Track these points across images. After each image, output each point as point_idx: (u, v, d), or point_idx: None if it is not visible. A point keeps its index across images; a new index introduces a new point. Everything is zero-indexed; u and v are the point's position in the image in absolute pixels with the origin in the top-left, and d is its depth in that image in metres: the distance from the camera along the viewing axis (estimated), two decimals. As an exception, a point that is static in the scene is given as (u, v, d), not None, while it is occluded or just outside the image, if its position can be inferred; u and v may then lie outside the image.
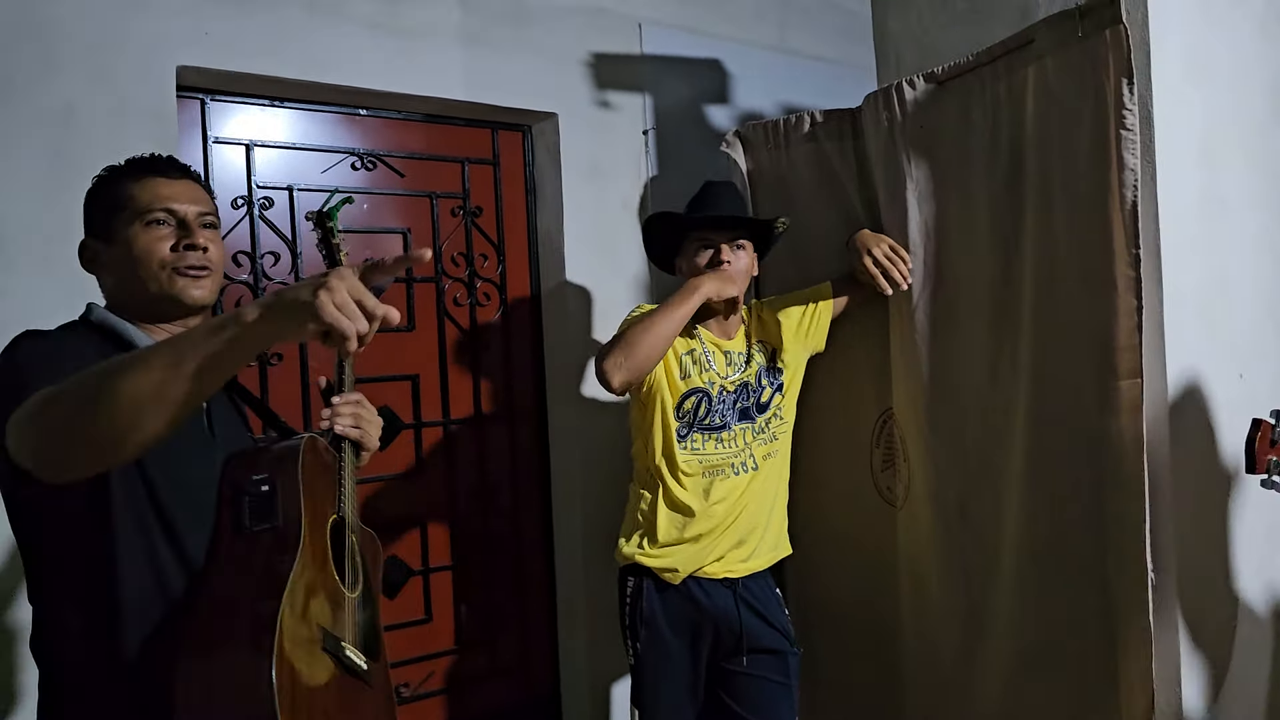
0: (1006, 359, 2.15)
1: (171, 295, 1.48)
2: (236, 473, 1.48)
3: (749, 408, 2.37)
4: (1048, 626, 2.06)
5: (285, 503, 1.45)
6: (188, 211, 1.52)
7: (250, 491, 1.45)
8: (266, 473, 1.47)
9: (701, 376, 2.33)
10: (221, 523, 1.45)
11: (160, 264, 1.47)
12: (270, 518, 1.44)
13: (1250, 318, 2.16)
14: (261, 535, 1.43)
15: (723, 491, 2.31)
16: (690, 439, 2.32)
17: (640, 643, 2.31)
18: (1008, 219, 2.13)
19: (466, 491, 2.93)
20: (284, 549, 1.40)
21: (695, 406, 2.32)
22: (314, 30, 2.49)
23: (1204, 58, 2.05)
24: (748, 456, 2.35)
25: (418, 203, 2.85)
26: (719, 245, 2.32)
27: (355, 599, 1.55)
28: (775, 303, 2.50)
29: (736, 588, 2.33)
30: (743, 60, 3.33)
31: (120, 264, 1.49)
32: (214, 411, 1.54)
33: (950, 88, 2.24)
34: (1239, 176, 2.13)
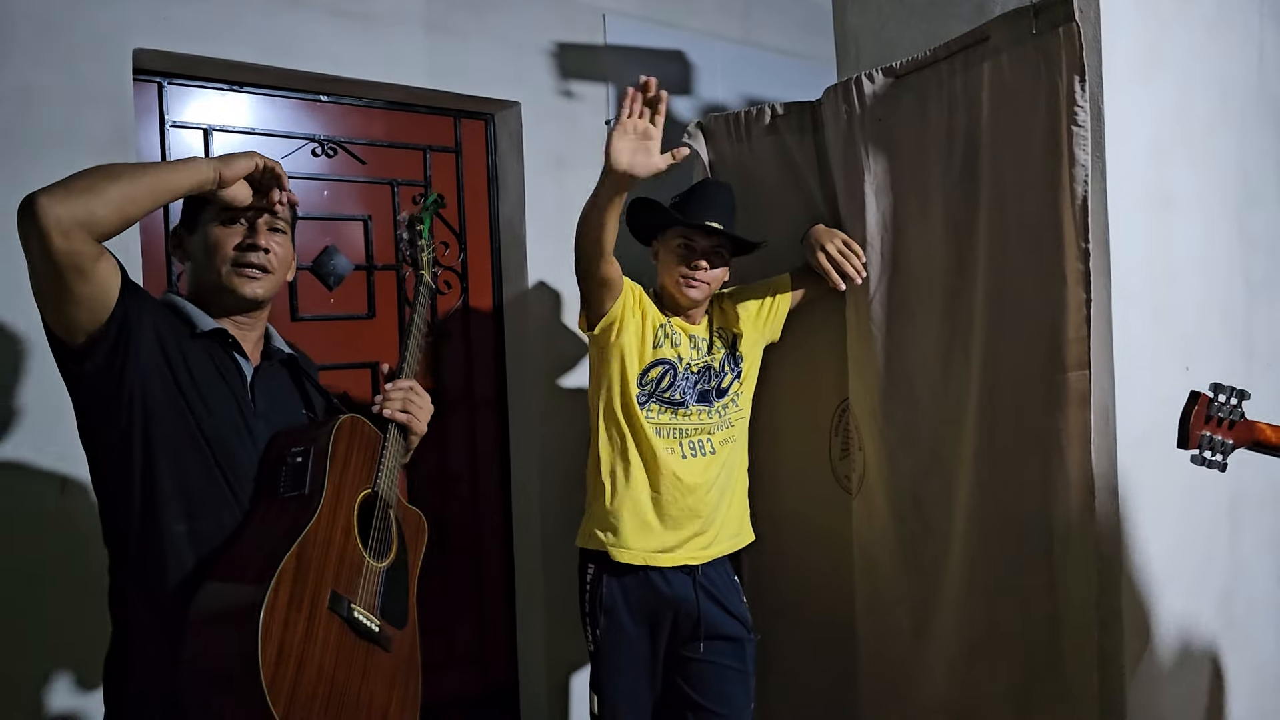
0: (959, 350, 2.18)
1: (229, 288, 1.65)
2: (281, 445, 1.64)
3: (709, 391, 2.39)
4: (995, 612, 2.10)
5: (314, 472, 1.59)
6: (250, 213, 1.68)
7: (288, 462, 1.61)
8: (304, 445, 1.62)
9: (672, 350, 2.36)
10: (260, 489, 1.60)
11: (224, 258, 1.65)
12: (299, 485, 1.58)
13: (1197, 312, 2.20)
14: (290, 501, 1.57)
15: (679, 475, 2.33)
16: (649, 407, 2.34)
17: (599, 629, 2.33)
18: (962, 212, 2.17)
19: (425, 480, 2.93)
20: (303, 513, 1.54)
21: (660, 377, 2.34)
22: (275, 15, 2.48)
23: (1154, 57, 2.09)
24: (705, 438, 2.38)
25: (379, 190, 2.84)
26: (698, 252, 2.33)
27: (380, 568, 1.66)
28: (736, 293, 2.52)
29: (696, 574, 2.35)
30: (706, 51, 3.35)
31: (197, 253, 1.68)
32: (258, 384, 1.68)
33: (908, 82, 2.26)
34: (1187, 173, 2.17)
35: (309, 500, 1.56)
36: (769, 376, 2.55)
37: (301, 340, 2.61)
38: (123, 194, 1.44)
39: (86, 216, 1.39)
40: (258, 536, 1.53)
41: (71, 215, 1.38)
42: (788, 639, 2.66)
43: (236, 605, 1.42)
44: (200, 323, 1.63)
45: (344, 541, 1.59)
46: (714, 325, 2.47)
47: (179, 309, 1.64)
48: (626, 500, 2.32)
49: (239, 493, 1.58)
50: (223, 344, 1.65)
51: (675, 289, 2.36)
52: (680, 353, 2.37)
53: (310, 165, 2.71)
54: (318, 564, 1.51)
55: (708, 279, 2.34)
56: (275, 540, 1.49)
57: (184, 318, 1.63)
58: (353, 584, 1.59)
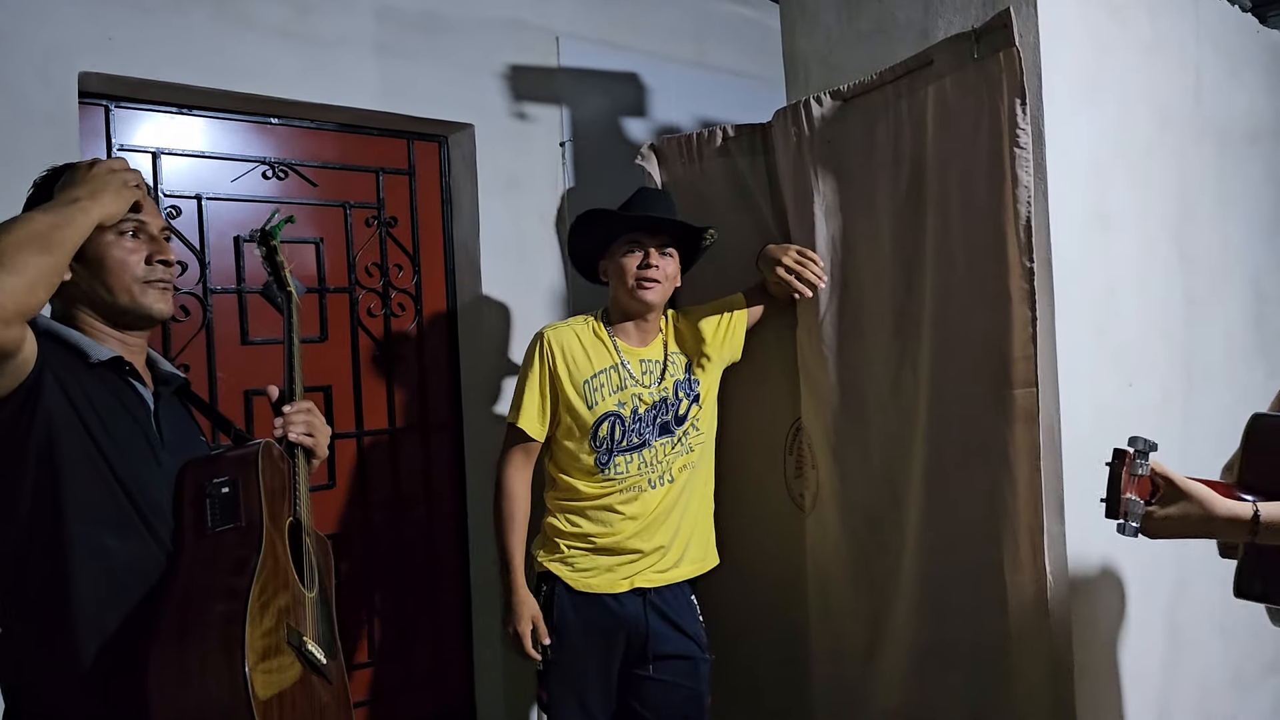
0: (908, 369, 2.21)
1: (142, 307, 1.57)
2: (197, 475, 1.56)
3: (668, 422, 2.40)
4: (947, 626, 2.12)
5: (247, 503, 1.54)
6: (154, 225, 1.60)
7: (212, 493, 1.53)
8: (227, 475, 1.56)
9: (610, 399, 2.35)
10: (183, 524, 1.52)
11: (134, 277, 1.55)
12: (233, 518, 1.53)
13: (1138, 329, 2.25)
14: (224, 534, 1.51)
15: (637, 508, 2.34)
16: (613, 463, 2.34)
17: (551, 648, 2.33)
18: (909, 233, 2.20)
19: (380, 504, 2.91)
20: (247, 547, 1.49)
21: (610, 430, 2.34)
22: (223, 38, 2.46)
23: (1093, 80, 2.14)
24: (665, 469, 2.38)
25: (332, 212, 2.82)
26: (648, 249, 2.34)
27: (313, 598, 1.62)
28: (691, 313, 2.53)
29: (648, 594, 2.36)
30: (660, 74, 3.37)
31: (91, 272, 1.54)
32: (162, 414, 1.59)
33: (855, 105, 2.30)
34: (1126, 194, 2.22)
35: (249, 533, 1.51)
36: (723, 396, 2.57)
37: (252, 363, 2.62)
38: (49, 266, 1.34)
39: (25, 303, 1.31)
40: (199, 577, 1.46)
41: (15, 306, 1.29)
42: (744, 656, 2.66)
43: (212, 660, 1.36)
44: (94, 352, 1.52)
45: (286, 573, 1.55)
46: (668, 347, 2.47)
47: (64, 338, 1.52)
48: (582, 539, 2.36)
49: (144, 533, 1.50)
50: (120, 374, 1.55)
51: (630, 296, 2.36)
52: (623, 398, 2.36)
53: (261, 188, 2.69)
54: (273, 599, 1.48)
55: (660, 276, 2.34)
56: (223, 580, 1.44)
57: (72, 347, 1.51)
58: (299, 617, 1.56)
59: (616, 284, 2.40)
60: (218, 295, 2.60)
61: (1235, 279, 2.67)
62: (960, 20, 2.13)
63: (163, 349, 2.48)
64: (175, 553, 1.50)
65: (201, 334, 2.56)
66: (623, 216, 2.38)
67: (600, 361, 2.37)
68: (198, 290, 2.56)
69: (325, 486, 2.78)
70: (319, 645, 1.58)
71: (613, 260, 2.40)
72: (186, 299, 2.53)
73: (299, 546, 1.65)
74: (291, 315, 1.87)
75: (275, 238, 1.87)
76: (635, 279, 2.33)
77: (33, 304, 1.33)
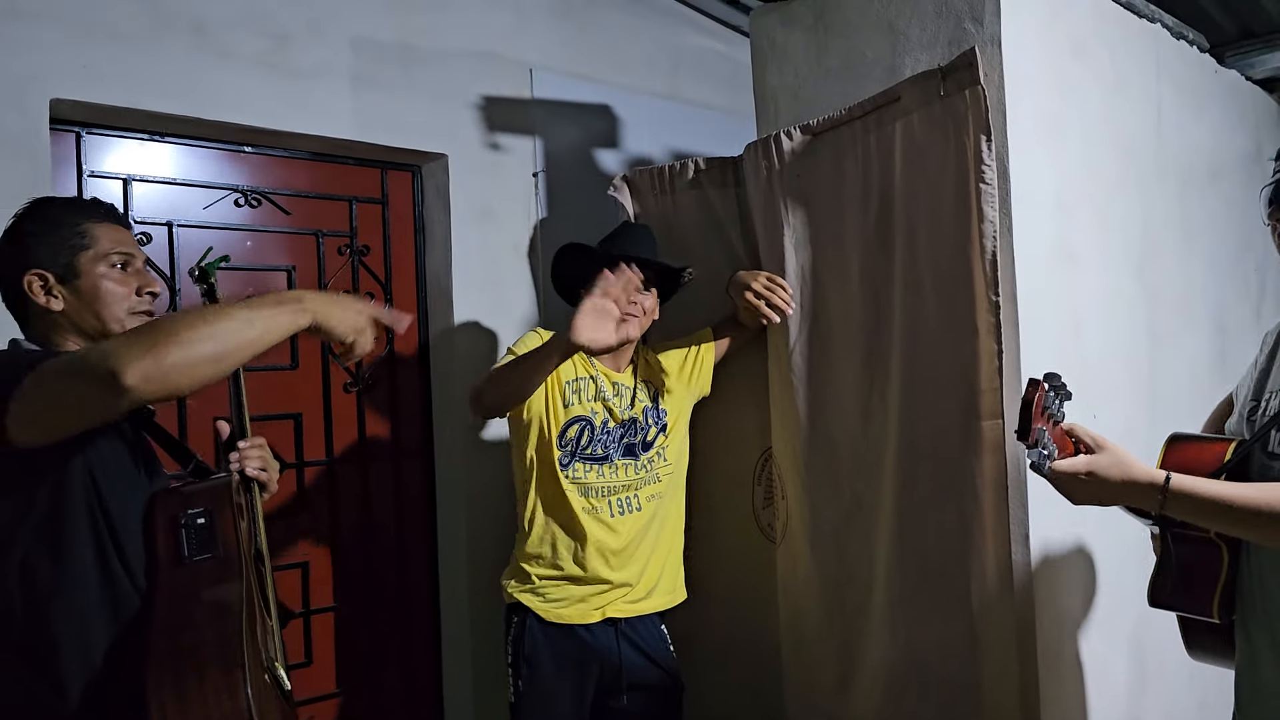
0: (877, 400, 2.23)
1: None
2: (169, 507, 1.58)
3: (634, 444, 2.41)
4: (917, 657, 2.13)
5: (224, 533, 1.58)
6: (138, 258, 1.67)
7: (187, 524, 1.56)
8: (202, 506, 1.59)
9: (585, 405, 2.38)
10: (157, 554, 1.54)
11: (123, 306, 1.61)
12: (210, 547, 1.56)
13: (1102, 362, 2.29)
14: (202, 564, 1.54)
15: (605, 539, 2.35)
16: (573, 467, 2.35)
17: (522, 680, 2.32)
18: (878, 265, 2.23)
19: (350, 532, 2.89)
20: (228, 576, 1.55)
21: (578, 435, 2.36)
22: (198, 65, 2.47)
23: (1056, 118, 2.18)
24: (631, 495, 2.39)
25: (304, 240, 2.82)
26: None
27: (274, 625, 1.69)
28: (659, 348, 2.56)
29: (620, 625, 2.35)
30: (633, 106, 3.40)
31: (83, 302, 1.59)
32: (138, 450, 1.63)
33: (825, 139, 2.33)
34: (1089, 229, 2.26)
35: (227, 564, 1.56)
36: (694, 424, 2.58)
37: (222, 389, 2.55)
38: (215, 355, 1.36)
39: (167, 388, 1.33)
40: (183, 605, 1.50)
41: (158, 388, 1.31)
42: (716, 688, 2.66)
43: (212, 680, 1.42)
44: None
45: (258, 602, 1.61)
46: (638, 376, 2.50)
47: None
48: (553, 568, 2.35)
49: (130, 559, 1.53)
50: None
51: None
52: (595, 407, 2.39)
53: (233, 216, 2.69)
54: (254, 626, 1.54)
55: (638, 311, 2.37)
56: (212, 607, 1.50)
57: None
58: (269, 644, 1.61)
59: None
60: (188, 323, 2.58)
61: (1198, 312, 2.72)
62: (927, 58, 2.17)
63: (131, 377, 2.46)
64: (150, 582, 1.52)
65: (171, 362, 2.55)
66: (607, 255, 2.40)
67: (582, 370, 2.42)
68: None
69: (294, 514, 2.76)
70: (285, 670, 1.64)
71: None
72: (156, 326, 2.52)
73: (260, 576, 1.70)
74: None
75: (211, 275, 1.89)
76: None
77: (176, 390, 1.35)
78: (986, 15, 2.07)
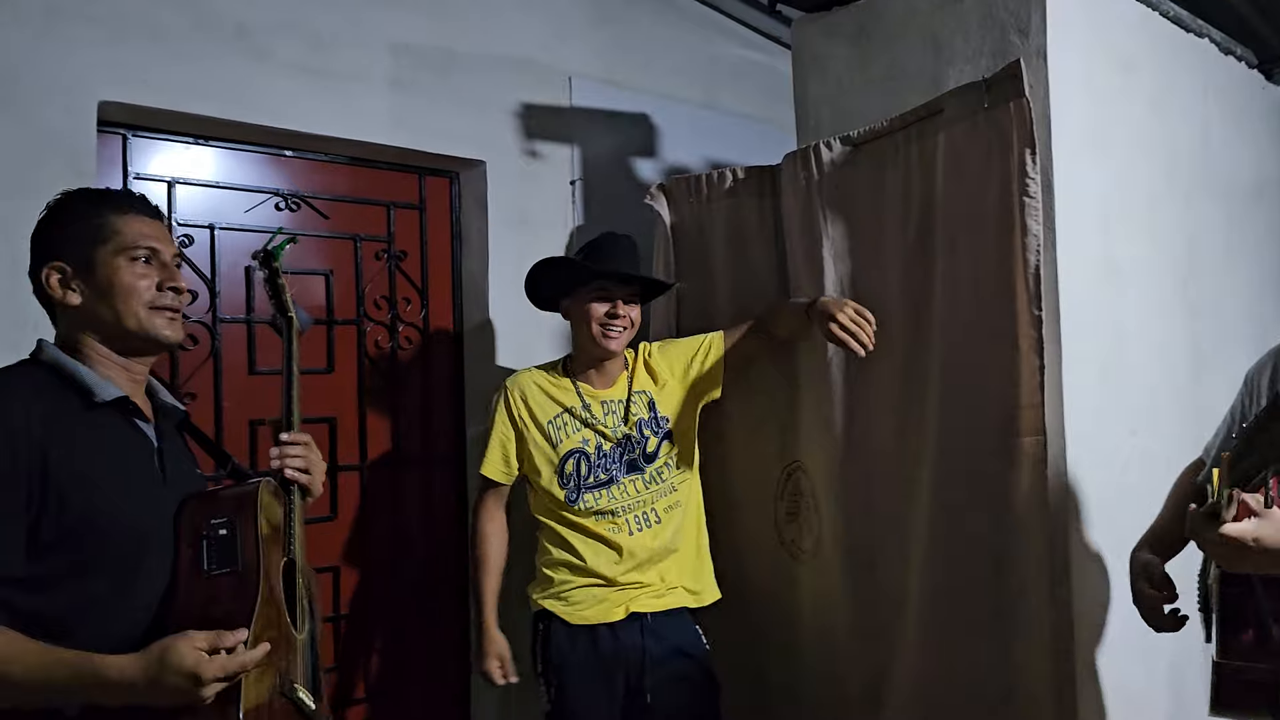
0: (915, 414, 2.21)
1: (150, 333, 1.54)
2: (195, 515, 1.52)
3: (635, 459, 2.42)
4: (952, 676, 2.10)
5: (244, 547, 1.50)
6: (166, 252, 1.58)
7: (209, 534, 1.50)
8: (226, 516, 1.52)
9: (573, 437, 2.39)
10: (180, 565, 1.49)
11: (143, 302, 1.53)
12: (230, 561, 1.49)
13: (1145, 378, 2.25)
14: (220, 579, 1.48)
15: (626, 549, 2.36)
16: (582, 499, 2.37)
17: (554, 688, 2.33)
18: (918, 278, 2.21)
19: (381, 537, 2.89)
20: (244, 594, 1.46)
21: (576, 468, 2.38)
22: (242, 70, 2.49)
23: (1101, 132, 2.16)
24: (648, 509, 2.40)
25: (342, 245, 2.84)
26: (616, 299, 2.38)
27: (304, 640, 1.60)
28: (665, 346, 2.56)
29: (645, 620, 2.35)
30: (670, 115, 3.40)
31: (99, 295, 1.52)
32: (166, 451, 1.57)
33: (865, 150, 2.32)
34: (1133, 243, 2.24)
35: (245, 579, 1.48)
36: (713, 440, 2.58)
37: (259, 393, 2.62)
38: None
39: None
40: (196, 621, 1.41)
41: None
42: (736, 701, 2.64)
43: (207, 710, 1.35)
44: (100, 392, 1.49)
45: (279, 618, 1.53)
46: (632, 385, 2.48)
47: (69, 374, 1.49)
48: (575, 578, 2.37)
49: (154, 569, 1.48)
50: (124, 412, 1.54)
51: (595, 340, 2.39)
52: (586, 435, 2.40)
53: (273, 219, 2.70)
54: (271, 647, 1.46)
55: (626, 323, 2.39)
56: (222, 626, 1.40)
57: (77, 386, 1.49)
58: (291, 662, 1.53)
59: (579, 325, 2.43)
60: (226, 324, 2.61)
61: (1242, 330, 2.68)
62: (971, 70, 2.16)
63: (170, 376, 2.48)
64: (170, 592, 1.48)
65: (209, 362, 2.57)
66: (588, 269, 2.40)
67: (562, 401, 2.43)
68: (207, 319, 2.56)
69: (326, 518, 2.76)
70: (308, 691, 1.55)
71: (577, 303, 2.42)
72: (195, 328, 2.53)
73: (293, 587, 1.61)
74: (291, 341, 1.80)
75: (277, 259, 1.82)
76: (601, 325, 2.37)
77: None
78: (1032, 27, 2.05)
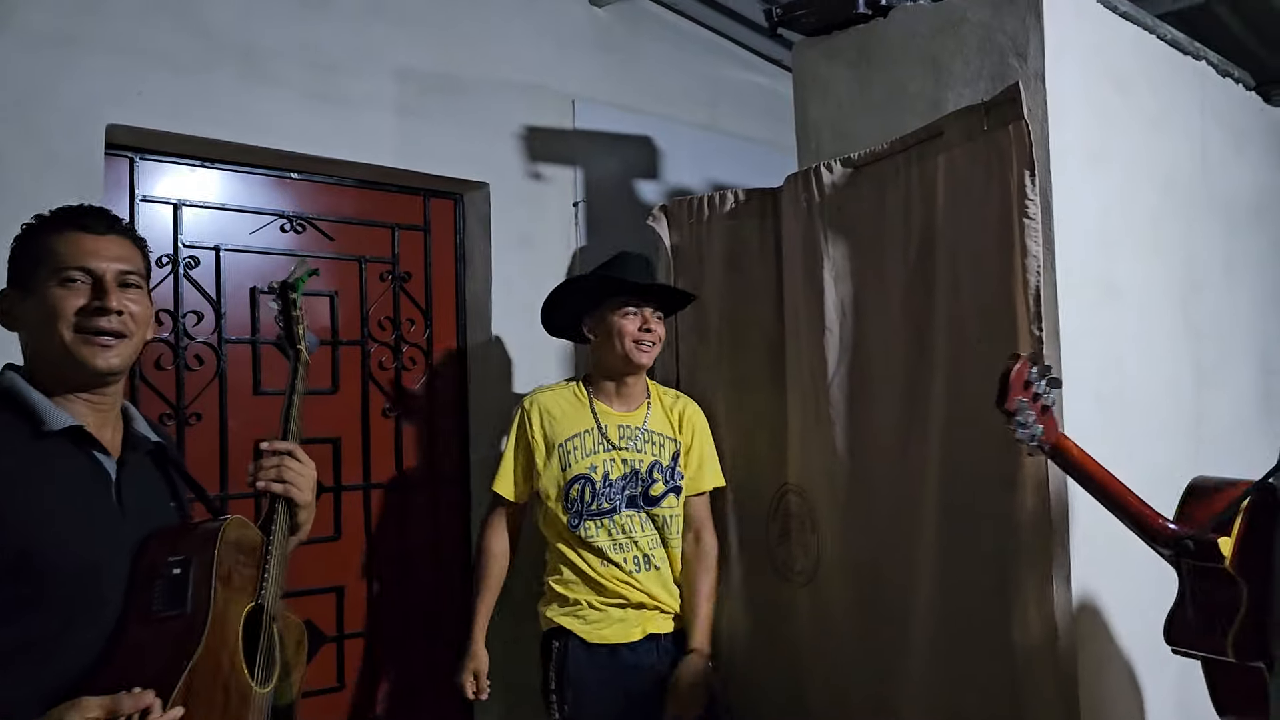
0: (917, 435, 2.21)
1: (77, 360, 1.40)
2: (155, 552, 1.42)
3: (636, 496, 2.43)
4: (956, 697, 2.10)
5: (196, 589, 1.38)
6: (107, 270, 1.43)
7: (164, 573, 1.39)
8: (183, 554, 1.40)
9: (583, 462, 2.41)
10: (129, 604, 1.38)
11: (68, 325, 1.39)
12: (178, 604, 1.37)
13: (1145, 398, 2.26)
14: (167, 622, 1.36)
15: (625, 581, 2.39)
16: (584, 526, 2.39)
17: (568, 705, 2.34)
18: (919, 299, 2.22)
19: (385, 557, 2.90)
20: (188, 640, 1.34)
21: (580, 493, 2.40)
22: (248, 94, 2.52)
23: (1100, 153, 2.18)
24: (649, 550, 2.42)
25: (347, 266, 2.86)
26: (644, 313, 2.42)
27: (265, 695, 1.46)
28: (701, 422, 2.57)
29: (660, 640, 2.39)
30: (673, 137, 3.43)
31: (33, 321, 1.42)
32: (124, 482, 1.45)
33: (866, 172, 2.34)
34: (1133, 264, 2.25)
35: (192, 622, 1.35)
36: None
37: (263, 413, 2.62)
38: None
39: None
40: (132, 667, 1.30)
41: None
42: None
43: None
44: (50, 420, 1.38)
45: (230, 669, 1.39)
46: (649, 416, 2.51)
47: (21, 401, 1.39)
48: (592, 597, 2.39)
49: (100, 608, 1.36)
50: (75, 442, 1.41)
51: (627, 356, 2.42)
52: (595, 461, 2.41)
53: (279, 241, 2.73)
54: (205, 701, 1.32)
55: (656, 338, 2.45)
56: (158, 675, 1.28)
57: (27, 413, 1.38)
58: (243, 716, 1.40)
59: (605, 343, 2.45)
60: (232, 345, 2.62)
61: (1242, 350, 2.69)
62: (970, 93, 2.18)
63: (175, 398, 2.49)
64: (118, 635, 1.36)
65: (215, 383, 2.58)
66: (624, 282, 2.44)
67: (578, 424, 2.45)
68: (213, 340, 2.58)
69: (330, 538, 2.77)
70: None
71: (602, 320, 2.45)
72: (201, 348, 2.55)
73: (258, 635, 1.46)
74: (296, 373, 1.73)
75: (297, 290, 1.78)
76: (634, 340, 2.41)
77: None
78: (1030, 50, 2.07)
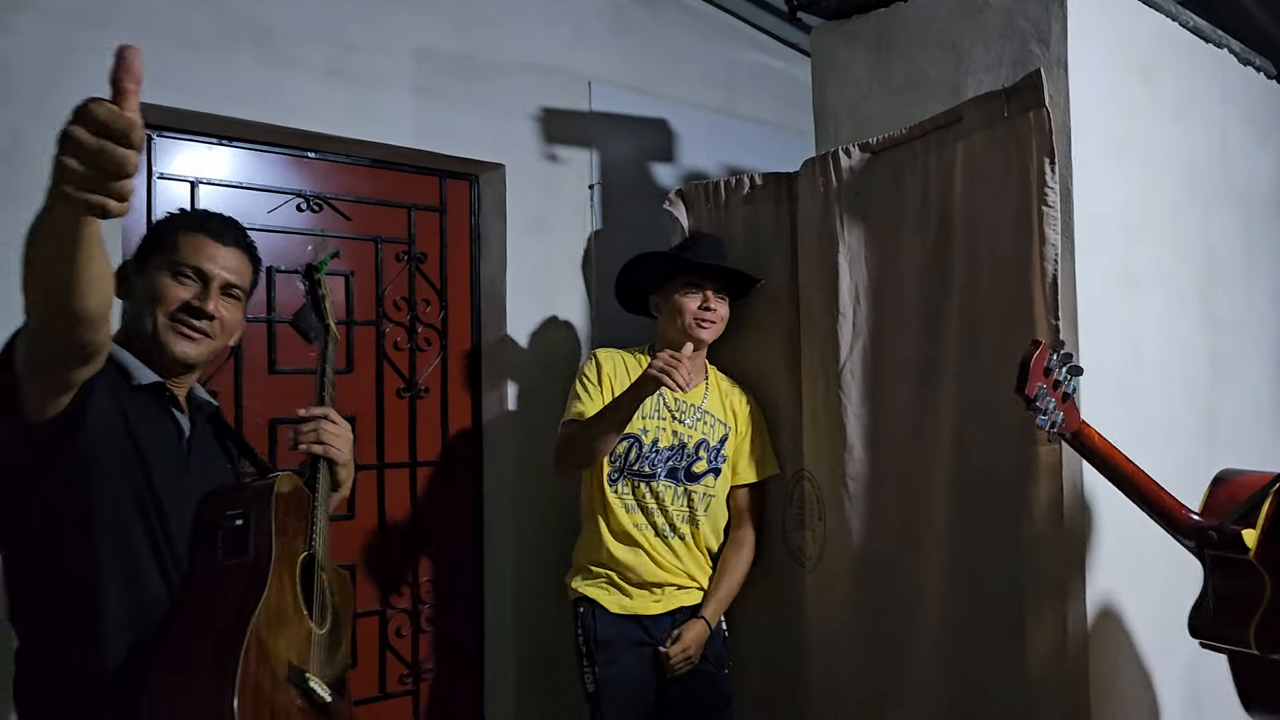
0: (930, 422, 2.21)
1: (161, 344, 1.57)
2: (213, 507, 1.57)
3: (678, 469, 2.46)
4: (966, 686, 2.10)
5: (257, 538, 1.53)
6: (216, 276, 1.62)
7: (224, 526, 1.55)
8: (241, 508, 1.56)
9: (638, 423, 2.42)
10: (196, 556, 1.54)
11: (165, 312, 1.57)
12: (241, 552, 1.53)
13: (1162, 388, 2.25)
14: (231, 569, 1.52)
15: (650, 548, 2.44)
16: (620, 484, 2.43)
17: (598, 666, 2.39)
18: (935, 286, 2.21)
19: (397, 537, 2.91)
20: (251, 585, 1.48)
21: (626, 451, 2.43)
22: (267, 72, 2.52)
23: (1120, 142, 2.16)
24: (680, 521, 2.47)
25: (363, 246, 2.86)
26: (706, 292, 2.46)
27: (322, 635, 1.63)
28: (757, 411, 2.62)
29: (677, 616, 2.46)
30: (689, 120, 3.41)
31: (138, 297, 1.60)
32: (194, 442, 1.63)
33: (884, 157, 2.33)
34: (1151, 254, 2.23)
35: (255, 568, 1.51)
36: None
37: (279, 393, 2.64)
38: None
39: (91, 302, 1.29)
40: (204, 610, 1.47)
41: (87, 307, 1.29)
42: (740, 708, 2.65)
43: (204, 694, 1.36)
44: (138, 374, 1.56)
45: (293, 610, 1.56)
46: (706, 399, 2.54)
47: (114, 356, 1.53)
48: (614, 574, 2.45)
49: (167, 557, 1.52)
50: (159, 398, 1.60)
51: (688, 331, 2.46)
52: (648, 425, 2.45)
53: (295, 220, 2.73)
54: (274, 637, 1.48)
55: (716, 318, 2.49)
56: (229, 616, 1.44)
57: (119, 366, 1.55)
58: (305, 654, 1.56)
59: (669, 319, 2.51)
60: (248, 324, 2.62)
61: (1261, 342, 2.67)
62: (991, 79, 2.16)
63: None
64: (186, 582, 1.52)
65: (230, 362, 2.59)
66: (688, 261, 2.50)
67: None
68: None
69: (344, 517, 2.78)
70: (323, 683, 1.56)
71: (667, 297, 2.51)
72: (217, 327, 2.56)
73: (311, 581, 1.64)
74: (328, 346, 1.90)
75: (321, 271, 1.90)
76: (694, 318, 2.46)
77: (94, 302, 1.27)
78: (1053, 37, 2.05)
